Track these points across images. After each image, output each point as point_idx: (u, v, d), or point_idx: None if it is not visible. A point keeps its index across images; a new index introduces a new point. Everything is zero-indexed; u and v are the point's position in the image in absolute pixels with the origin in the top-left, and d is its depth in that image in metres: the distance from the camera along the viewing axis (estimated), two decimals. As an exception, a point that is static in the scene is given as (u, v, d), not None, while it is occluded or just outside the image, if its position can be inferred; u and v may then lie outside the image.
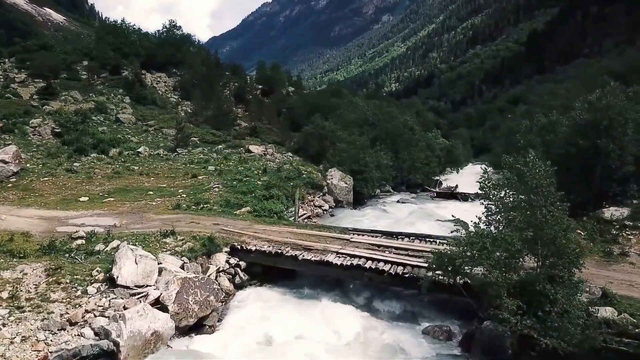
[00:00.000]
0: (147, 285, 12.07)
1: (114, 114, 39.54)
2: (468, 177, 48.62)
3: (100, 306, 10.92)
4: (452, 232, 11.45)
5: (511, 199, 10.78)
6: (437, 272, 11.48)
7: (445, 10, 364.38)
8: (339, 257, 14.24)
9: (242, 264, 15.20)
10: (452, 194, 35.64)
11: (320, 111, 40.37)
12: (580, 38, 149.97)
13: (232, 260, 15.11)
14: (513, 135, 45.32)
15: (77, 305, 10.70)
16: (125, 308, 10.81)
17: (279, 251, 14.82)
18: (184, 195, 22.50)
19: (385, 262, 13.68)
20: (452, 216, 11.88)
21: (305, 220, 22.45)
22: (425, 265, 12.62)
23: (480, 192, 12.06)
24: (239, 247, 15.34)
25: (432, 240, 15.91)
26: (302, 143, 36.89)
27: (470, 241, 9.89)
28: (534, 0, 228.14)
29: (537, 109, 44.26)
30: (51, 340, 9.39)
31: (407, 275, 12.80)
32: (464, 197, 34.58)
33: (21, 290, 10.72)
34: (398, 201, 31.95)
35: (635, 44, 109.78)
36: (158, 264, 12.89)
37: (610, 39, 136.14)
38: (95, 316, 10.51)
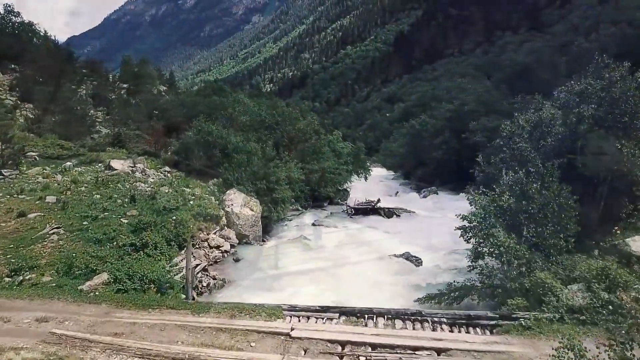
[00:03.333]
0: None
1: None
2: (372, 184, 44.12)
3: None
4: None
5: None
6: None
7: (314, 12, 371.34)
8: (285, 384, 7.61)
9: (93, 412, 7.74)
10: (373, 209, 30.04)
11: (202, 112, 32.68)
12: (442, 39, 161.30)
13: (71, 410, 7.62)
14: (419, 135, 42.25)
15: None
16: None
17: (166, 384, 7.67)
18: (-3, 254, 13.86)
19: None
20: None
21: (200, 282, 14.77)
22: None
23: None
24: (83, 380, 7.86)
25: (421, 318, 9.88)
26: (183, 153, 28.72)
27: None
28: (398, 3, 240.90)
29: (443, 106, 41.49)
30: None
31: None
32: (389, 214, 29.10)
33: None
34: (313, 224, 25.52)
35: (495, 44, 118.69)
36: None
37: (470, 39, 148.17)
38: None
